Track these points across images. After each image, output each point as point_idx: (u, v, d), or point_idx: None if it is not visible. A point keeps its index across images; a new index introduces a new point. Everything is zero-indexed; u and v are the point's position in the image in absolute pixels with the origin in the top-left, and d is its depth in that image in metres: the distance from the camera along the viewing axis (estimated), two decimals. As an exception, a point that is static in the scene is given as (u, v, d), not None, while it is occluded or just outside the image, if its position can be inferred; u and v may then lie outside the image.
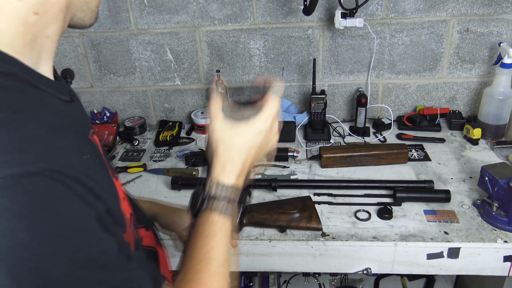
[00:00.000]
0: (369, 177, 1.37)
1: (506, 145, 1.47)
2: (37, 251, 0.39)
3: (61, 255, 0.41)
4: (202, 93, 1.78)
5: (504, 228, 1.10)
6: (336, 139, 1.63)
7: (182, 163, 1.52)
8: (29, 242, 0.39)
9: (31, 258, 0.39)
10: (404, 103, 1.73)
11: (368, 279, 1.77)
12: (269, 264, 1.16)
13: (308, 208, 1.18)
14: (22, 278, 0.39)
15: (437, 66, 1.64)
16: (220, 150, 0.62)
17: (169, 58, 1.70)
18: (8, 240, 0.38)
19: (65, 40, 1.69)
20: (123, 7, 1.61)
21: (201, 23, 1.62)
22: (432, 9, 1.53)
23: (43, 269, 0.40)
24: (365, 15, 1.55)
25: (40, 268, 0.40)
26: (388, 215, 1.17)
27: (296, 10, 1.57)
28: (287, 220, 1.15)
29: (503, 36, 1.56)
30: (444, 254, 1.09)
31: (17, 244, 0.38)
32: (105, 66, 1.74)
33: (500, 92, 1.48)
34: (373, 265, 1.13)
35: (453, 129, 1.63)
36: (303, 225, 1.14)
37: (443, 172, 1.37)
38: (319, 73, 1.68)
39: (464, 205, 1.21)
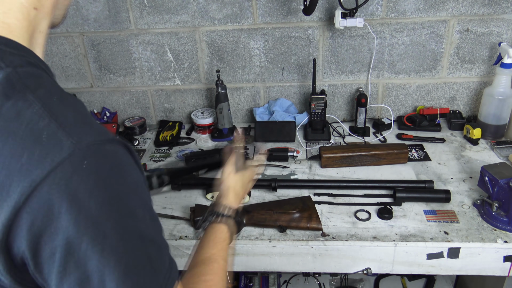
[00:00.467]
0: (369, 177, 1.37)
1: (506, 145, 1.47)
2: (123, 202, 0.49)
3: (138, 205, 0.51)
4: (202, 93, 1.78)
5: (504, 228, 1.10)
6: (336, 139, 1.63)
7: (182, 163, 1.52)
8: (115, 196, 0.48)
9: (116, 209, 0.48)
10: (404, 103, 1.73)
11: (368, 279, 1.77)
12: (269, 264, 1.16)
13: (308, 208, 1.18)
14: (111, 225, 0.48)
15: (437, 66, 1.64)
16: (231, 190, 0.91)
17: (169, 58, 1.70)
18: (97, 196, 0.46)
19: (65, 40, 1.69)
20: (123, 7, 1.61)
21: (201, 23, 1.62)
22: (432, 9, 1.53)
23: (126, 218, 0.49)
24: (365, 15, 1.55)
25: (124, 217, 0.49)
26: (388, 215, 1.17)
27: (296, 10, 1.57)
28: (287, 220, 1.15)
29: (503, 36, 1.56)
30: (444, 254, 1.09)
31: (106, 197, 0.47)
32: (105, 66, 1.74)
33: (500, 92, 1.48)
34: (373, 265, 1.13)
35: (453, 129, 1.63)
36: (303, 225, 1.14)
37: (443, 172, 1.37)
38: (319, 73, 1.68)
39: (464, 205, 1.21)
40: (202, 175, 1.27)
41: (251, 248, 1.14)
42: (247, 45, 1.65)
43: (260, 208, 1.19)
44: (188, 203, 1.29)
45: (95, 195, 0.46)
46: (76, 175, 0.45)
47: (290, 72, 1.70)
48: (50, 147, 0.45)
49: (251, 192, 1.30)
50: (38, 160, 0.44)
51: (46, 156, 0.44)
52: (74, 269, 0.46)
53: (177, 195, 1.34)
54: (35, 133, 0.45)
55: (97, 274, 0.47)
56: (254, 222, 1.16)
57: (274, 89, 1.74)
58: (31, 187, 0.44)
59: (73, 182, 0.45)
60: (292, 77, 1.71)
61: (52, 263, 0.46)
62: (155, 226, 0.54)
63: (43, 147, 0.45)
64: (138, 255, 0.50)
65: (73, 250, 0.45)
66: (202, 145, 1.65)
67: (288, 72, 1.70)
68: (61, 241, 0.45)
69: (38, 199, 0.44)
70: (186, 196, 1.33)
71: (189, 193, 1.35)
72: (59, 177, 0.44)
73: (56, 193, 0.44)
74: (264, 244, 1.13)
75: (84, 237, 0.45)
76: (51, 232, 0.45)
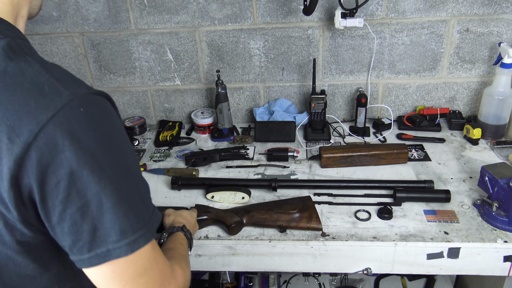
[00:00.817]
0: (369, 177, 1.37)
1: (506, 145, 1.47)
2: (115, 141, 0.59)
3: (126, 146, 0.61)
4: (202, 93, 1.78)
5: (504, 228, 1.10)
6: (336, 139, 1.63)
7: (182, 163, 1.52)
8: (107, 136, 0.58)
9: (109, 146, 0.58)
10: (404, 103, 1.73)
11: (368, 279, 1.77)
12: (269, 264, 1.16)
13: (308, 208, 1.18)
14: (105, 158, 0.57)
15: (437, 66, 1.64)
16: (178, 216, 1.05)
17: (169, 58, 1.70)
18: (93, 135, 0.56)
19: (65, 40, 1.69)
20: (123, 7, 1.61)
21: (201, 23, 1.62)
22: (432, 9, 1.53)
23: (118, 154, 0.59)
24: (365, 15, 1.55)
25: (116, 153, 0.59)
26: (388, 215, 1.17)
27: (296, 10, 1.57)
28: (287, 220, 1.15)
29: (503, 36, 1.56)
30: (444, 254, 1.09)
31: (101, 136, 0.57)
32: (105, 66, 1.74)
33: (500, 92, 1.48)
34: (373, 265, 1.13)
35: (453, 129, 1.63)
36: (303, 225, 1.14)
37: (443, 172, 1.37)
38: (319, 73, 1.68)
39: (464, 205, 1.21)
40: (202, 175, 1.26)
41: (251, 248, 1.14)
42: (247, 45, 1.65)
43: (260, 208, 1.19)
44: (188, 203, 1.29)
45: (92, 134, 0.55)
46: (75, 118, 0.54)
47: (290, 72, 1.70)
48: (52, 96, 0.54)
49: (251, 192, 1.30)
50: (43, 106, 0.53)
51: (50, 103, 0.53)
52: (76, 197, 0.54)
53: (177, 195, 1.34)
54: (38, 86, 0.54)
55: (96, 200, 0.55)
56: (254, 222, 1.16)
57: (274, 89, 1.74)
58: (39, 125, 0.52)
59: (73, 123, 0.54)
60: (292, 77, 1.71)
61: (56, 193, 0.54)
62: (139, 169, 0.64)
63: (47, 96, 0.53)
64: (129, 186, 0.59)
65: (75, 179, 0.54)
66: (202, 145, 1.65)
67: (288, 72, 1.70)
68: (65, 172, 0.53)
69: (45, 136, 0.52)
70: (186, 196, 1.33)
71: (189, 193, 1.35)
72: (61, 119, 0.53)
73: (60, 131, 0.53)
74: (264, 244, 1.13)
75: (85, 168, 0.54)
76: (57, 163, 0.53)
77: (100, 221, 0.56)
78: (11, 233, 0.58)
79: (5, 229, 0.57)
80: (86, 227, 0.56)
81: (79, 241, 0.57)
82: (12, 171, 0.52)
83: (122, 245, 0.57)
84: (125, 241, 0.58)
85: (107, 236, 0.57)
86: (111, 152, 0.58)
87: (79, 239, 0.56)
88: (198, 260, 1.17)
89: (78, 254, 0.58)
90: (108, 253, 0.57)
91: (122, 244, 0.57)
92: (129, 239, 0.58)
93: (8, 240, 0.58)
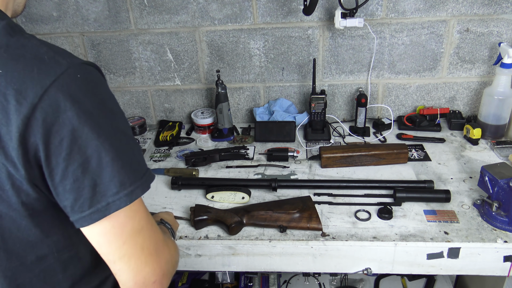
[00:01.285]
0: (369, 177, 1.37)
1: (506, 145, 1.47)
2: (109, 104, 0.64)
3: (118, 110, 0.66)
4: (202, 93, 1.78)
5: (504, 228, 1.10)
6: (336, 139, 1.63)
7: (182, 163, 1.52)
8: (102, 99, 0.63)
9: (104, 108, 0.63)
10: (404, 103, 1.73)
11: (368, 279, 1.77)
12: (269, 264, 1.16)
13: (308, 208, 1.18)
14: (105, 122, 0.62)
15: (437, 66, 1.64)
16: (155, 216, 1.07)
17: (169, 58, 1.70)
18: (90, 97, 0.61)
19: (65, 40, 1.69)
20: (123, 7, 1.61)
21: (201, 23, 1.62)
22: (432, 9, 1.53)
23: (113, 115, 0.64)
24: (365, 15, 1.55)
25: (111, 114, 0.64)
26: (388, 215, 1.17)
27: (296, 10, 1.57)
28: (287, 220, 1.15)
29: (503, 36, 1.56)
30: (444, 254, 1.09)
31: (97, 99, 0.62)
32: (105, 66, 1.74)
33: (500, 92, 1.48)
34: (373, 265, 1.13)
35: (453, 129, 1.63)
36: (303, 225, 1.14)
37: (443, 172, 1.37)
38: (319, 73, 1.68)
39: (464, 205, 1.21)
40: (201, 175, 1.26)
41: (251, 248, 1.14)
42: (247, 45, 1.65)
43: (260, 208, 1.19)
44: (188, 203, 1.29)
45: (89, 97, 0.61)
46: (74, 82, 0.60)
47: (290, 72, 1.70)
48: (52, 64, 0.59)
49: (251, 192, 1.30)
50: (45, 72, 0.58)
51: (50, 69, 0.59)
52: (78, 153, 0.59)
53: (177, 195, 1.34)
54: (39, 56, 0.60)
55: (96, 156, 0.60)
56: (253, 222, 1.16)
57: (274, 89, 1.74)
58: (43, 88, 0.57)
59: (72, 87, 0.59)
60: (292, 77, 1.71)
61: (60, 150, 0.59)
62: (132, 134, 0.69)
63: (47, 64, 0.59)
64: (125, 144, 0.64)
65: (77, 137, 0.59)
66: (202, 145, 1.65)
67: (288, 72, 1.70)
68: (67, 130, 0.58)
69: (48, 98, 0.57)
70: (186, 196, 1.33)
71: (189, 193, 1.35)
72: (62, 83, 0.58)
73: (61, 94, 0.58)
74: (264, 244, 1.13)
75: (85, 126, 0.59)
76: (60, 123, 0.58)
77: (100, 176, 0.61)
78: (17, 194, 0.62)
79: (12, 190, 0.61)
80: (87, 183, 0.60)
81: (80, 198, 0.61)
82: (20, 130, 0.57)
83: (121, 195, 0.62)
84: (124, 192, 0.62)
85: (107, 189, 0.61)
86: (107, 114, 0.63)
87: (81, 195, 0.61)
88: (198, 260, 1.17)
89: (79, 212, 0.62)
90: (108, 206, 0.62)
91: (121, 195, 0.62)
92: (128, 190, 0.63)
93: (14, 201, 0.62)
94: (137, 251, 0.66)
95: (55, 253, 0.70)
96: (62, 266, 0.72)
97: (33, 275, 0.70)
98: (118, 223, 0.64)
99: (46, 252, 0.69)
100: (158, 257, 0.69)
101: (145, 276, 0.67)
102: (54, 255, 0.70)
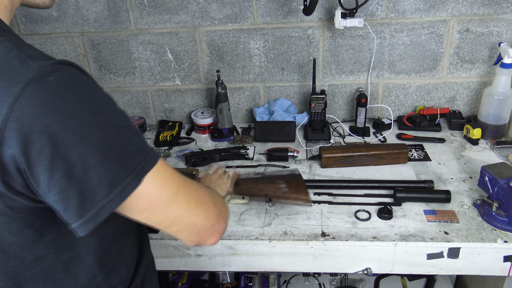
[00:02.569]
0: (369, 177, 1.37)
1: (506, 145, 1.47)
2: (90, 101, 0.60)
3: (103, 102, 0.62)
4: (202, 93, 1.78)
5: (504, 228, 1.10)
6: (336, 139, 1.63)
7: (182, 163, 1.52)
8: (81, 97, 0.59)
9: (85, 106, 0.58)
10: (404, 103, 1.73)
11: (368, 279, 1.77)
12: (269, 264, 1.16)
13: (296, 179, 1.15)
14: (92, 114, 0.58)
15: (437, 66, 1.64)
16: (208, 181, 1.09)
17: (169, 58, 1.70)
18: (67, 99, 0.57)
19: (65, 40, 1.69)
20: (123, 7, 1.61)
21: (201, 23, 1.62)
22: (432, 9, 1.53)
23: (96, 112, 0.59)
24: (365, 15, 1.55)
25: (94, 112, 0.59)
26: (388, 215, 1.17)
27: (296, 10, 1.57)
28: (273, 190, 1.13)
29: (503, 36, 1.56)
30: (444, 254, 1.09)
31: (74, 99, 0.58)
32: (105, 66, 1.74)
33: (500, 92, 1.48)
34: (373, 265, 1.13)
35: (453, 129, 1.63)
36: (290, 196, 1.11)
37: (443, 172, 1.37)
38: (319, 73, 1.68)
39: (464, 205, 1.21)
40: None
41: (251, 248, 1.14)
42: (247, 45, 1.65)
43: (249, 181, 1.16)
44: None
45: (66, 98, 0.57)
46: (47, 86, 0.56)
47: (290, 72, 1.70)
48: (22, 69, 0.56)
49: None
50: (14, 79, 0.55)
51: (20, 75, 0.55)
52: (61, 162, 0.56)
53: (177, 195, 1.34)
54: (9, 62, 0.56)
55: (80, 160, 0.56)
56: (240, 192, 1.14)
57: (274, 89, 1.74)
58: (13, 97, 0.54)
59: (46, 91, 0.55)
60: (292, 77, 1.71)
61: (41, 160, 0.55)
62: (126, 118, 0.65)
63: (17, 70, 0.56)
64: (114, 138, 0.60)
65: (58, 144, 0.55)
66: (202, 145, 1.65)
67: (288, 72, 1.70)
68: (46, 138, 0.55)
69: (21, 106, 0.54)
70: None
71: (189, 193, 1.34)
72: (34, 88, 0.55)
73: (34, 101, 0.54)
74: (264, 244, 1.13)
75: (65, 131, 0.56)
76: (37, 131, 0.54)
77: (86, 182, 0.57)
78: (1, 200, 0.60)
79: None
80: (73, 191, 0.57)
81: (69, 208, 0.58)
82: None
83: (112, 196, 0.59)
84: (116, 191, 0.59)
85: (95, 194, 0.58)
86: (88, 112, 0.58)
87: (68, 205, 0.58)
88: (198, 260, 1.17)
89: (71, 223, 0.60)
90: (99, 213, 0.59)
91: (112, 196, 0.59)
92: (119, 188, 0.59)
93: (0, 207, 0.60)
94: (184, 208, 0.68)
95: (53, 253, 0.69)
96: (63, 266, 0.71)
97: (34, 273, 0.69)
98: (149, 197, 0.63)
99: (44, 252, 0.68)
100: (205, 203, 0.72)
101: (202, 224, 0.70)
102: (53, 255, 0.69)
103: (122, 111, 0.64)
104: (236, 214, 1.23)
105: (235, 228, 1.17)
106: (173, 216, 0.67)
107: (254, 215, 1.22)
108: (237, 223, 1.19)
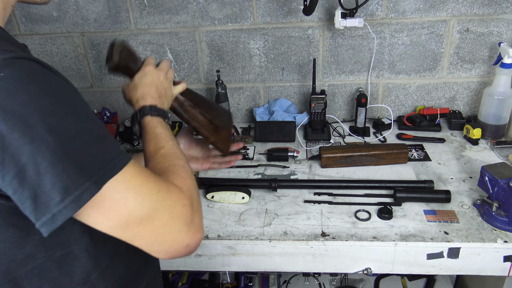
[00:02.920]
0: (369, 177, 1.37)
1: (506, 145, 1.47)
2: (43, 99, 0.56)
3: (61, 100, 0.58)
4: (202, 93, 1.78)
5: (504, 228, 1.10)
6: (336, 139, 1.63)
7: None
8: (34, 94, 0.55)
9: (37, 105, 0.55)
10: (404, 103, 1.73)
11: (368, 279, 1.77)
12: (269, 264, 1.16)
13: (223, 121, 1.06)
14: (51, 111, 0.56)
15: (437, 66, 1.64)
16: (141, 88, 0.95)
17: (169, 58, 1.70)
18: (17, 97, 0.54)
19: (65, 40, 1.69)
20: (123, 7, 1.61)
21: (201, 23, 1.62)
22: (432, 9, 1.53)
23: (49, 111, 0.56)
24: (365, 15, 1.55)
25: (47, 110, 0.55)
26: (388, 215, 1.17)
27: (296, 10, 1.57)
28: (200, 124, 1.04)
29: (503, 36, 1.56)
30: (444, 254, 1.09)
31: (25, 97, 0.54)
32: (105, 66, 1.73)
33: (500, 92, 1.48)
34: (373, 265, 1.13)
35: (453, 129, 1.63)
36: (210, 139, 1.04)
37: (443, 172, 1.37)
38: (319, 73, 1.68)
39: (464, 205, 1.21)
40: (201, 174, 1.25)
41: (251, 248, 1.14)
42: (247, 45, 1.65)
43: (194, 102, 1.05)
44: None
45: (16, 96, 0.54)
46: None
47: (290, 72, 1.70)
48: None
49: (251, 191, 1.30)
50: None
51: None
52: (11, 163, 0.53)
53: (177, 195, 1.34)
54: None
55: (31, 162, 0.53)
56: (176, 108, 1.04)
57: (274, 89, 1.74)
58: None
59: None
60: (292, 77, 1.71)
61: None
62: (89, 119, 0.60)
63: None
64: (70, 138, 0.56)
65: (7, 144, 0.52)
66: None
67: (288, 72, 1.70)
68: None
69: None
70: (186, 196, 1.33)
71: (189, 193, 1.34)
72: None
73: None
74: (264, 244, 1.13)
75: (14, 131, 0.53)
76: None
77: (39, 186, 0.54)
78: None
79: None
80: (27, 194, 0.54)
81: (26, 210, 0.56)
82: None
83: (67, 203, 0.55)
84: (70, 198, 0.55)
85: (49, 199, 0.55)
86: (43, 110, 0.55)
87: (25, 207, 0.55)
88: (198, 260, 1.17)
89: (34, 223, 0.56)
90: (54, 218, 0.55)
91: (67, 203, 0.55)
92: (73, 195, 0.55)
93: None
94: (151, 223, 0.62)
95: (43, 252, 0.68)
96: (56, 264, 0.70)
97: (27, 270, 0.68)
98: (112, 207, 0.59)
99: (34, 250, 0.67)
100: (182, 219, 0.65)
101: (174, 240, 0.65)
102: (44, 254, 0.68)
103: (87, 111, 0.61)
104: (236, 214, 1.23)
105: (235, 228, 1.17)
106: (138, 230, 0.62)
107: (254, 215, 1.22)
108: (237, 223, 1.19)
